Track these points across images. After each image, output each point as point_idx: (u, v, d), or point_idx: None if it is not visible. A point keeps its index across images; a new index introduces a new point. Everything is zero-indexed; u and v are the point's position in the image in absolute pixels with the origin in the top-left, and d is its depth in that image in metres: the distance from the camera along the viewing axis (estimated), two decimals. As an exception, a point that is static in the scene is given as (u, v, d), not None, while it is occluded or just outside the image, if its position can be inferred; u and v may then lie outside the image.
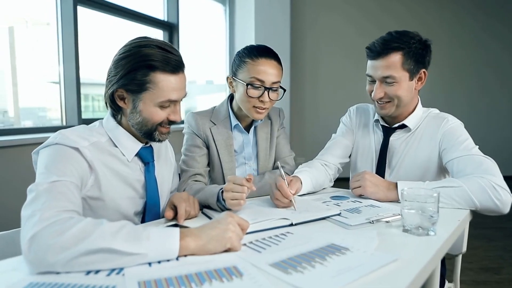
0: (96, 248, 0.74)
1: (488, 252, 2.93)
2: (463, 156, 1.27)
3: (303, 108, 5.28)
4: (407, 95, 1.37)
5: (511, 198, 1.14)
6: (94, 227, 0.77)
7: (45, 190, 0.85)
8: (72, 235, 0.74)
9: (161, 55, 1.01)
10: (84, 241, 0.74)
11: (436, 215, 0.94)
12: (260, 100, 1.35)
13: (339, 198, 1.29)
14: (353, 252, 0.82)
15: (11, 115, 2.80)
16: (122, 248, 0.75)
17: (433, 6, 5.35)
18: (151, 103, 1.03)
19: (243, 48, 1.41)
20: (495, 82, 5.51)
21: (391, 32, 1.36)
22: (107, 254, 0.74)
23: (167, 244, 0.79)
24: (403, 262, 0.77)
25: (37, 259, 0.73)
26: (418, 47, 1.33)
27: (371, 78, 1.39)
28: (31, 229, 0.75)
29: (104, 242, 0.74)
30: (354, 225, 1.00)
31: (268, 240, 0.91)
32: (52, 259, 0.73)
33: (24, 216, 0.80)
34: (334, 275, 0.71)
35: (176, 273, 0.73)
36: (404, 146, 1.44)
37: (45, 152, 0.96)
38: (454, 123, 1.39)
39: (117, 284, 0.69)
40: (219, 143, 1.43)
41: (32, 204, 0.82)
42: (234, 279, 0.70)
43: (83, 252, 0.73)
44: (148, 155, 1.14)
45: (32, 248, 0.73)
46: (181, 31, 3.84)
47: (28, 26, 2.82)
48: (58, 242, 0.73)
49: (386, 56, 1.32)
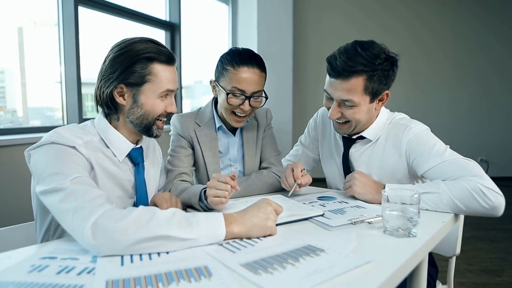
0: (155, 235, 0.81)
1: (490, 254, 2.89)
2: (439, 164, 1.19)
3: (306, 108, 5.25)
4: (365, 117, 1.29)
5: (502, 199, 1.10)
6: (150, 215, 0.84)
7: (74, 185, 0.89)
8: (132, 221, 0.81)
9: (155, 48, 1.07)
10: (143, 228, 0.81)
11: (416, 216, 0.93)
12: (241, 108, 1.34)
13: (326, 199, 1.29)
14: (328, 253, 0.81)
15: (20, 115, 2.84)
16: (177, 235, 0.83)
17: (436, 6, 5.28)
18: (152, 95, 1.08)
19: (226, 52, 1.38)
20: (497, 83, 5.42)
21: (356, 46, 1.22)
22: (164, 241, 0.82)
23: (215, 229, 0.88)
24: (377, 264, 0.76)
25: (103, 243, 0.80)
26: (384, 68, 1.21)
27: (329, 95, 1.29)
28: (89, 218, 0.81)
29: (162, 229, 0.82)
30: (335, 226, 0.99)
31: (245, 241, 0.90)
32: (117, 242, 0.80)
33: (67, 209, 0.84)
34: (303, 277, 0.70)
35: (146, 272, 0.73)
36: (367, 157, 1.37)
37: (43, 150, 0.98)
38: (416, 130, 1.28)
39: (85, 283, 0.69)
40: (204, 144, 1.43)
41: (71, 197, 0.86)
42: (202, 279, 0.70)
43: (142, 239, 0.81)
44: (138, 156, 1.16)
45: (97, 233, 0.80)
46: (183, 31, 3.85)
47: (37, 27, 2.85)
48: (120, 227, 0.80)
49: (347, 78, 1.21)
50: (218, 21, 4.62)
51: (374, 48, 1.22)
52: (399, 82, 4.22)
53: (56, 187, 0.88)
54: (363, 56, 1.20)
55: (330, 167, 1.53)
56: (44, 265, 0.77)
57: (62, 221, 0.87)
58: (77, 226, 0.82)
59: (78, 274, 0.73)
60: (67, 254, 0.83)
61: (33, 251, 0.85)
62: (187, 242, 0.85)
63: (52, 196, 0.89)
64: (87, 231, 0.80)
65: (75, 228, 0.83)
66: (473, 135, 5.33)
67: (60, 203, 0.86)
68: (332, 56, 1.26)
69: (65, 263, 0.78)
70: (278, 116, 4.31)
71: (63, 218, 0.86)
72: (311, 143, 1.62)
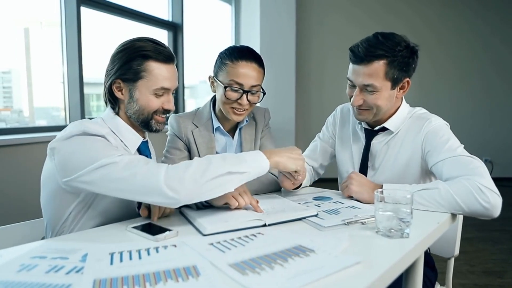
0: (218, 173, 0.95)
1: (493, 255, 2.86)
2: (449, 158, 1.21)
3: (309, 108, 5.25)
4: (387, 104, 1.32)
5: (500, 200, 1.09)
6: (205, 162, 0.97)
7: (127, 156, 0.99)
8: (195, 170, 0.94)
9: (153, 47, 1.12)
10: (207, 172, 0.94)
11: (409, 217, 0.92)
12: (239, 102, 1.35)
13: (321, 199, 1.28)
14: (317, 254, 0.81)
15: (26, 115, 2.87)
16: (235, 170, 0.98)
17: (439, 6, 5.25)
18: (146, 91, 1.12)
19: (225, 48, 1.39)
20: (500, 83, 5.38)
21: (377, 35, 1.28)
22: (227, 176, 0.96)
23: (260, 162, 1.04)
24: (366, 265, 0.76)
25: (179, 189, 0.92)
26: (404, 55, 1.26)
27: (351, 83, 1.34)
28: (158, 175, 0.93)
29: (223, 168, 0.97)
30: (327, 227, 0.98)
31: (236, 240, 0.90)
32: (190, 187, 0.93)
33: (131, 174, 0.94)
34: (290, 277, 0.69)
35: (134, 272, 0.73)
36: (386, 148, 1.40)
37: (76, 141, 1.02)
38: (436, 123, 1.32)
39: (73, 282, 0.70)
40: (201, 146, 1.43)
41: (130, 165, 0.96)
42: (189, 279, 0.70)
43: (209, 178, 0.94)
44: (146, 149, 1.23)
45: (171, 183, 0.92)
46: (186, 31, 3.86)
47: (43, 27, 2.88)
48: (187, 175, 0.93)
49: (369, 63, 1.25)
50: (220, 21, 4.63)
51: (395, 37, 1.28)
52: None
53: (107, 162, 0.96)
54: (384, 43, 1.25)
55: (344, 155, 1.54)
56: (34, 264, 0.77)
57: (125, 186, 0.95)
58: (149, 185, 0.93)
59: (66, 273, 0.73)
60: (57, 254, 0.83)
61: (24, 250, 0.85)
62: (244, 175, 0.99)
63: (104, 170, 0.95)
64: (162, 185, 0.91)
65: (147, 188, 0.93)
66: (476, 136, 5.29)
67: (120, 172, 0.95)
68: (354, 45, 1.31)
69: (54, 262, 0.78)
70: (281, 116, 4.35)
71: (126, 183, 0.94)
72: (330, 138, 1.63)
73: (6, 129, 2.49)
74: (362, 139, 1.46)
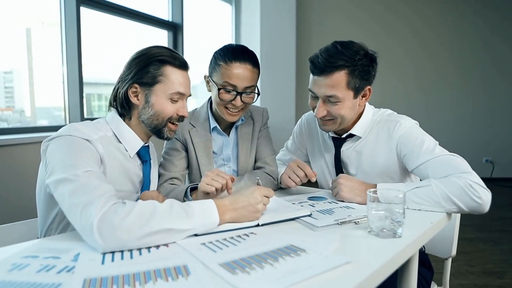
0: (158, 229, 0.85)
1: (493, 256, 2.86)
2: (430, 160, 1.22)
3: (309, 108, 5.24)
4: (350, 113, 1.32)
5: (489, 195, 1.12)
6: (151, 209, 0.87)
7: (86, 178, 0.92)
8: (136, 217, 0.84)
9: (169, 53, 1.16)
10: (147, 225, 0.84)
11: (401, 217, 0.92)
12: (232, 103, 1.35)
13: (316, 199, 1.28)
14: (308, 254, 0.81)
15: (28, 115, 2.88)
16: (178, 227, 0.88)
17: (440, 6, 5.24)
18: (162, 95, 1.14)
19: (220, 48, 1.39)
20: (500, 83, 5.37)
21: (336, 45, 1.27)
22: (166, 233, 0.87)
23: (209, 219, 0.94)
24: (356, 265, 0.76)
25: (110, 241, 0.82)
26: (364, 63, 1.25)
27: (314, 94, 1.31)
28: (97, 214, 0.83)
29: (165, 223, 0.87)
30: (320, 226, 0.99)
31: (228, 240, 0.90)
32: (122, 238, 0.83)
33: (76, 203, 0.87)
34: (280, 277, 0.70)
35: (125, 271, 0.74)
36: (357, 154, 1.40)
37: (60, 141, 1.02)
38: (406, 125, 1.31)
39: (63, 281, 0.70)
40: (198, 145, 1.43)
41: (80, 192, 0.89)
42: (179, 279, 0.70)
43: (148, 233, 0.84)
44: (146, 154, 1.23)
45: (103, 229, 0.82)
46: (186, 31, 3.86)
47: (44, 27, 2.89)
48: (125, 223, 0.83)
49: (330, 74, 1.24)
50: (221, 21, 4.63)
51: (353, 45, 1.27)
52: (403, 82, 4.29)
53: (68, 177, 0.91)
54: (344, 53, 1.24)
55: (318, 165, 1.55)
56: (25, 264, 0.78)
57: (70, 215, 0.89)
58: (84, 224, 0.84)
59: (57, 272, 0.74)
60: (50, 253, 0.83)
61: (17, 250, 0.86)
62: (186, 232, 0.90)
63: (63, 186, 0.91)
64: (92, 227, 0.82)
65: (82, 225, 0.85)
66: (477, 136, 5.28)
67: (70, 196, 0.89)
68: (314, 56, 1.29)
69: (46, 261, 0.79)
70: (281, 116, 4.35)
71: (71, 212, 0.88)
72: (298, 149, 1.65)
73: (8, 128, 2.51)
74: (332, 148, 1.46)
